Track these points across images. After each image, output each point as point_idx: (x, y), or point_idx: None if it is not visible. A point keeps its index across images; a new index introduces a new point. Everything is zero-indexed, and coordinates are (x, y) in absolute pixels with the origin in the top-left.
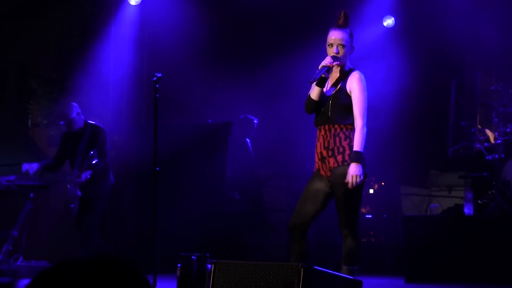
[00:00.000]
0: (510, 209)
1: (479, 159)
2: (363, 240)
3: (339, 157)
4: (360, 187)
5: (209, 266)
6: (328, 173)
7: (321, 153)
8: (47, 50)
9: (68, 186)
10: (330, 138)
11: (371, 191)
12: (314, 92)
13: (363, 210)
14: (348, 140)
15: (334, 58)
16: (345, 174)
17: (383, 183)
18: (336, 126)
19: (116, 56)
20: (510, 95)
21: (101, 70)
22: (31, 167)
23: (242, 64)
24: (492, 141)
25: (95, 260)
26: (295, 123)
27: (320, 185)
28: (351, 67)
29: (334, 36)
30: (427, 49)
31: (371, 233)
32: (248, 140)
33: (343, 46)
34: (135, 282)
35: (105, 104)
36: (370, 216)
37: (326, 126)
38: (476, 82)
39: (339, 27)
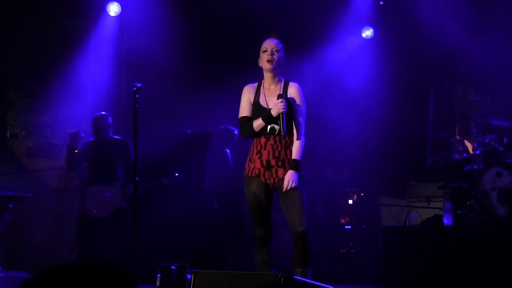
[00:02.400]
0: (489, 219)
1: (457, 169)
2: (342, 250)
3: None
4: (303, 191)
5: (189, 276)
6: (271, 181)
7: (268, 161)
8: (26, 61)
9: (105, 194)
10: (281, 149)
11: (350, 202)
12: (259, 125)
13: (342, 220)
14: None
15: (281, 95)
16: (298, 186)
17: (362, 194)
18: (287, 138)
19: (95, 66)
20: (489, 105)
21: (80, 81)
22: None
23: (222, 74)
24: (471, 151)
25: (82, 265)
26: None
27: (264, 192)
28: (283, 78)
29: (269, 43)
30: (406, 60)
31: (350, 243)
32: (228, 150)
33: (277, 51)
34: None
35: (84, 114)
36: (349, 226)
37: (277, 137)
38: (455, 93)
39: (273, 35)
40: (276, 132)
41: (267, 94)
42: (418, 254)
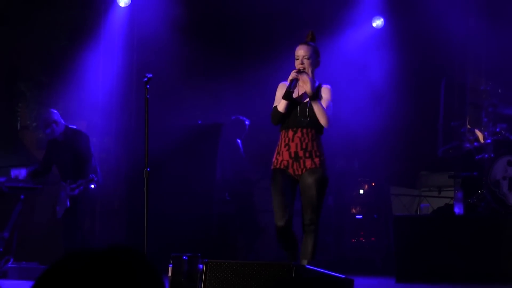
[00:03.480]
0: (500, 208)
1: (469, 159)
2: (353, 240)
3: (316, 160)
4: (325, 188)
5: (201, 266)
6: (299, 172)
7: (296, 152)
8: (36, 53)
9: (61, 194)
10: (309, 141)
11: (361, 191)
12: (282, 105)
13: (353, 210)
14: (322, 146)
15: (299, 71)
16: (319, 178)
17: (373, 184)
18: (313, 131)
19: (105, 57)
20: (499, 95)
21: (91, 72)
22: (20, 173)
23: (233, 65)
24: (482, 141)
25: (104, 251)
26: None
27: (289, 184)
28: (319, 81)
29: (300, 50)
30: (416, 49)
31: (361, 233)
32: (239, 141)
33: (308, 58)
34: (144, 272)
35: (94, 106)
36: (361, 216)
37: (304, 130)
38: (465, 82)
39: (305, 43)
40: (304, 124)
41: (300, 91)
42: (429, 243)
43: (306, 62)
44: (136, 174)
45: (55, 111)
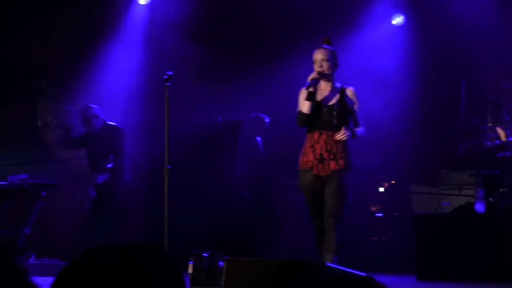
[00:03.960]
0: None
1: (489, 157)
2: (373, 238)
3: (341, 162)
4: (349, 189)
5: (221, 263)
6: (323, 173)
7: (321, 154)
8: (57, 50)
9: (89, 188)
10: (333, 143)
11: (381, 189)
12: (305, 106)
13: (373, 208)
14: (347, 148)
15: (320, 73)
16: (343, 179)
17: (393, 182)
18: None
19: (125, 55)
20: None
21: (111, 69)
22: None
23: (252, 62)
24: (503, 138)
25: (125, 248)
26: None
27: (318, 185)
28: (341, 83)
29: (317, 54)
30: (437, 47)
31: (382, 231)
32: (259, 138)
33: (326, 61)
34: (166, 269)
35: (114, 103)
36: (381, 214)
37: (329, 132)
38: (486, 80)
39: (321, 46)
40: (329, 126)
41: (323, 94)
42: (450, 242)
43: (324, 64)
44: (156, 171)
45: (96, 106)
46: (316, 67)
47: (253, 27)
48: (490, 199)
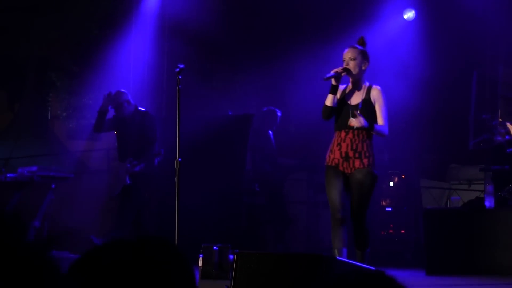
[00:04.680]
0: None
1: (500, 152)
2: (383, 233)
3: (365, 161)
4: (374, 188)
5: (231, 256)
6: (348, 170)
7: (346, 153)
8: (67, 43)
9: (120, 172)
10: (359, 142)
11: (391, 184)
12: (328, 99)
13: (383, 203)
14: (372, 147)
15: (345, 68)
16: (367, 177)
17: (403, 176)
18: (364, 132)
19: (136, 47)
20: None
21: (121, 62)
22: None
23: (263, 56)
24: None
25: (135, 241)
26: (316, 115)
27: (342, 181)
28: (368, 82)
29: (347, 53)
30: (448, 42)
31: (391, 226)
32: (270, 132)
33: (353, 59)
34: (175, 262)
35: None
36: (390, 209)
37: (355, 131)
38: (497, 75)
39: (351, 45)
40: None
41: (350, 94)
42: (459, 236)
43: (351, 63)
44: (167, 164)
45: (126, 92)
46: (344, 65)
47: (265, 20)
48: (499, 194)
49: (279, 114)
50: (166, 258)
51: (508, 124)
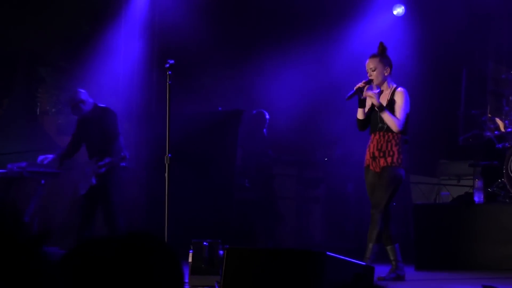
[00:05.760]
0: None
1: (489, 147)
2: None
3: (389, 159)
4: (398, 186)
5: (221, 252)
6: (378, 169)
7: (373, 153)
8: (57, 38)
9: (87, 170)
10: (384, 142)
11: None
12: (358, 113)
13: None
14: (397, 147)
15: (367, 81)
16: (390, 174)
17: None
18: (389, 133)
19: (126, 43)
20: None
21: (112, 57)
22: (46, 158)
23: (254, 52)
24: (502, 129)
25: (124, 237)
26: (305, 111)
27: (375, 179)
28: (394, 84)
29: (368, 64)
30: (437, 37)
31: None
32: (265, 131)
33: (373, 69)
34: (165, 258)
35: (115, 92)
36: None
37: (381, 133)
38: (487, 71)
39: (371, 55)
40: (380, 129)
41: (381, 98)
42: (448, 232)
43: (373, 74)
44: (157, 160)
45: (83, 91)
46: (368, 75)
47: (255, 16)
48: (489, 189)
49: (267, 116)
50: (154, 253)
51: (497, 120)
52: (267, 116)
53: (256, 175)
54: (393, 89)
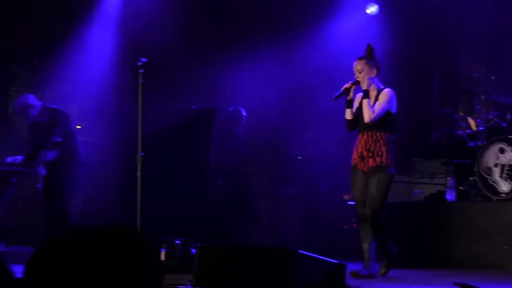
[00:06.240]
0: (491, 195)
1: (461, 146)
2: (345, 227)
3: (378, 159)
4: (388, 186)
5: (194, 250)
6: (366, 169)
7: (361, 153)
8: (30, 37)
9: (39, 167)
10: (372, 143)
11: None
12: (346, 113)
13: (346, 197)
14: (386, 146)
15: (354, 82)
16: (380, 174)
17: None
18: (377, 133)
19: (99, 42)
20: (492, 82)
21: (85, 56)
22: (15, 159)
23: (227, 50)
24: (474, 128)
25: (103, 229)
26: (279, 110)
27: (362, 179)
28: (382, 86)
29: (354, 65)
30: (410, 36)
31: (353, 219)
32: (239, 130)
33: (360, 71)
34: (143, 249)
35: (88, 90)
36: (353, 203)
37: (369, 133)
38: (459, 69)
39: (358, 57)
40: (368, 129)
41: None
42: (421, 229)
43: (360, 75)
44: (130, 158)
45: (30, 95)
46: (355, 77)
47: (229, 15)
48: (460, 187)
49: (244, 114)
50: (133, 245)
51: (469, 119)
52: (244, 113)
53: (229, 173)
54: (380, 89)
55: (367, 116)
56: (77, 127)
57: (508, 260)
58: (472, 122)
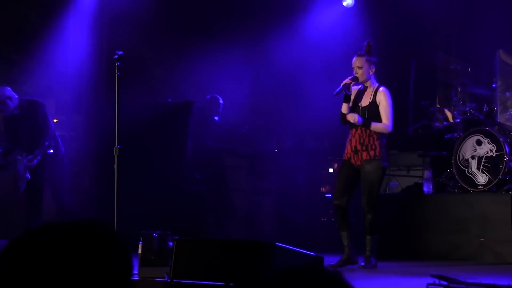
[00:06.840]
0: (468, 187)
1: (438, 138)
2: (323, 219)
3: (371, 152)
4: (381, 178)
5: (171, 243)
6: (359, 163)
7: (355, 146)
8: (5, 31)
9: (19, 168)
10: (366, 137)
11: (331, 170)
12: (344, 107)
13: (323, 189)
14: (379, 141)
15: (352, 78)
16: (373, 166)
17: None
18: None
19: (75, 35)
20: (469, 74)
21: (61, 49)
22: None
23: (203, 44)
24: (451, 120)
25: (74, 224)
26: (256, 102)
27: (350, 172)
28: (377, 83)
29: (354, 61)
30: (387, 28)
31: (331, 212)
32: (216, 118)
33: (359, 68)
34: (114, 244)
35: (64, 83)
36: (330, 195)
37: (363, 128)
38: (435, 61)
39: (358, 54)
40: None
41: (360, 96)
42: (398, 222)
43: (359, 72)
44: (106, 151)
45: (7, 87)
46: (354, 72)
47: (206, 8)
48: (437, 179)
49: (221, 102)
50: (104, 240)
51: (446, 110)
52: (221, 101)
53: (206, 166)
54: (376, 87)
55: (385, 131)
56: (54, 120)
57: (485, 252)
58: (449, 114)
